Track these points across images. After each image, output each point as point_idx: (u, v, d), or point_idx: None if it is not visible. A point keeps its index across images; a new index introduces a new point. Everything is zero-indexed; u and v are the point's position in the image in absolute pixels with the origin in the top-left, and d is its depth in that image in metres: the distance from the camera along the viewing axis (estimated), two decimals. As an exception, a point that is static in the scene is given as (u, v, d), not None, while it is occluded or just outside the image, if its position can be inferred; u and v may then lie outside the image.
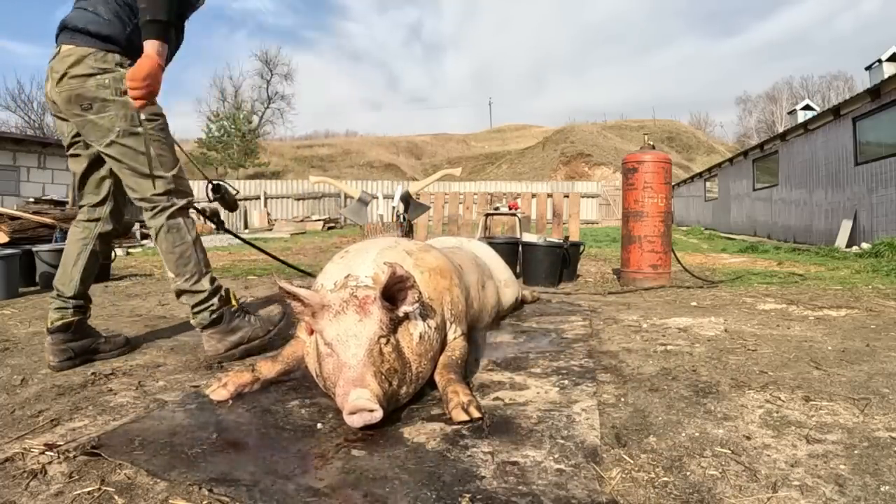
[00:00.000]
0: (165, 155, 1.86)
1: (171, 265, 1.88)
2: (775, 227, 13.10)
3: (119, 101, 1.76)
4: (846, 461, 1.08)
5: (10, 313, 2.82)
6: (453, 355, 1.52)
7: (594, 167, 31.84)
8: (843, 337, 2.21)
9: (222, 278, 4.45)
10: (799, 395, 1.49)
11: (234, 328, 1.90)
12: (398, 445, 1.15)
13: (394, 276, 1.26)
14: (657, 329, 2.40)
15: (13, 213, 4.47)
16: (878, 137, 9.10)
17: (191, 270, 1.87)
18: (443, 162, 37.63)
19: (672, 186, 4.62)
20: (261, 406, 1.40)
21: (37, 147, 14.38)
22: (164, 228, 1.87)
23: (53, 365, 1.79)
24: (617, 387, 1.57)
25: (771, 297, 3.42)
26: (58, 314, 1.85)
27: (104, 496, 0.96)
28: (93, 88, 1.74)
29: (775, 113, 46.28)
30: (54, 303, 1.88)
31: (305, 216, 18.06)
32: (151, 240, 1.95)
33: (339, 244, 8.36)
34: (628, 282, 4.18)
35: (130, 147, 1.80)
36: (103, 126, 1.77)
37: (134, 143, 1.80)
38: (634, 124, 42.32)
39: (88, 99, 1.75)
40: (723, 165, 17.97)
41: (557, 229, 5.76)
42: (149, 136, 1.81)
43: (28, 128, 26.58)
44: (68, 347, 1.83)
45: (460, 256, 2.07)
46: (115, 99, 1.76)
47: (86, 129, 1.80)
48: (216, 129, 28.32)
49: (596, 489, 0.97)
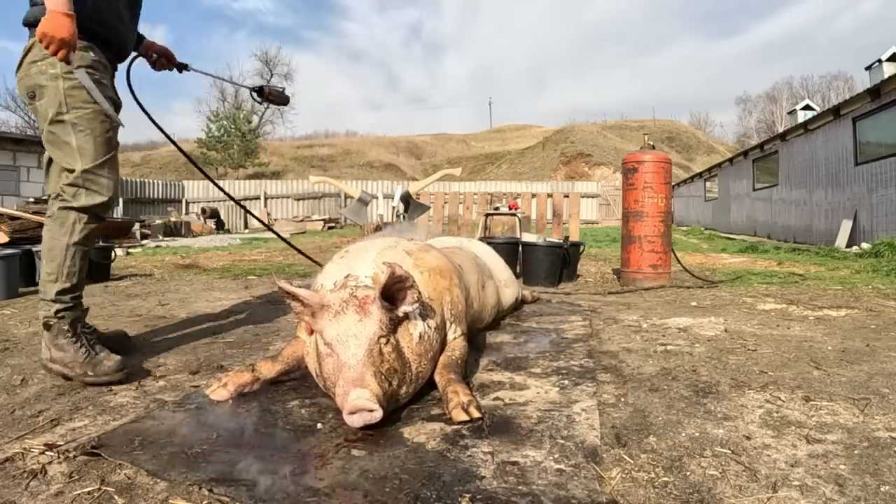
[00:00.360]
0: (87, 148, 1.76)
1: (43, 252, 1.80)
2: (775, 227, 13.10)
3: (51, 85, 1.72)
4: (846, 461, 1.08)
5: (10, 313, 2.82)
6: (453, 355, 1.52)
7: (594, 167, 31.85)
8: (843, 337, 2.21)
9: (222, 278, 4.45)
10: (799, 395, 1.49)
11: (58, 346, 1.72)
12: (398, 445, 1.15)
13: (393, 276, 1.26)
14: (657, 329, 2.40)
15: (13, 213, 4.47)
16: (878, 137, 9.10)
17: (52, 268, 1.77)
18: (443, 162, 37.63)
19: (672, 186, 4.62)
20: (261, 406, 1.40)
21: (37, 147, 14.36)
22: (52, 217, 1.78)
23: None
24: (617, 387, 1.57)
25: (771, 297, 3.42)
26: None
27: (104, 496, 0.96)
28: (35, 76, 1.73)
29: (775, 113, 46.30)
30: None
31: (305, 216, 18.05)
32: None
33: (339, 244, 8.36)
34: (628, 282, 4.18)
35: (56, 134, 1.75)
36: (42, 113, 1.75)
37: (60, 130, 1.75)
38: (634, 124, 42.32)
39: (31, 87, 1.74)
40: (723, 165, 17.97)
41: (557, 229, 5.76)
42: (73, 125, 1.74)
43: (28, 128, 26.61)
44: None
45: (460, 256, 2.07)
46: (48, 84, 1.73)
47: (36, 116, 1.80)
48: (216, 129, 28.32)
49: (596, 489, 0.97)
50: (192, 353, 1.97)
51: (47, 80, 1.72)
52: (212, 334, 2.29)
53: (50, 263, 1.76)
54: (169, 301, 3.23)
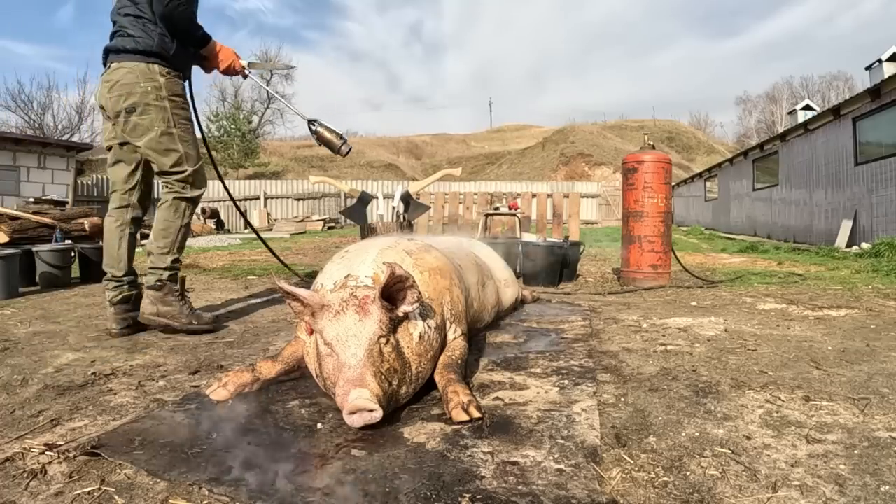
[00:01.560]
0: (191, 154, 2.29)
1: (155, 231, 2.30)
2: (775, 227, 13.10)
3: (158, 105, 2.19)
4: (846, 461, 1.08)
5: (10, 313, 2.82)
6: (453, 355, 1.52)
7: (594, 167, 31.84)
8: (843, 337, 2.21)
9: (222, 278, 4.45)
10: (799, 395, 1.49)
11: (166, 302, 2.25)
12: (398, 445, 1.15)
13: (393, 275, 1.26)
14: (657, 329, 2.40)
15: (13, 213, 4.46)
16: (878, 137, 9.10)
17: (165, 244, 2.27)
18: (443, 162, 37.61)
19: (672, 186, 4.62)
20: (261, 406, 1.40)
21: (37, 147, 14.38)
22: (167, 204, 2.28)
23: (115, 332, 2.23)
24: (617, 387, 1.57)
25: (771, 297, 3.42)
26: (115, 291, 2.27)
27: (104, 496, 0.96)
28: (139, 95, 2.16)
29: (775, 113, 46.27)
30: (109, 284, 2.28)
31: (305, 216, 18.05)
32: None
33: (339, 244, 8.35)
34: (628, 282, 4.18)
35: (164, 144, 2.22)
36: (143, 125, 2.19)
37: (168, 141, 2.23)
38: (634, 124, 42.29)
39: (134, 104, 2.17)
40: (723, 165, 17.97)
41: (557, 229, 5.76)
42: (180, 137, 2.25)
43: (28, 128, 26.51)
44: (128, 317, 2.25)
45: (460, 256, 2.07)
46: (154, 104, 2.18)
47: (128, 128, 2.20)
48: (216, 129, 28.27)
49: (596, 489, 0.97)
50: (192, 353, 1.97)
51: (154, 101, 2.18)
52: (212, 334, 2.29)
53: (164, 240, 2.28)
54: (169, 301, 3.22)
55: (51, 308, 3.00)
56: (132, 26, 2.17)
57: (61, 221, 4.61)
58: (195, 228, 14.14)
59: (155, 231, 2.29)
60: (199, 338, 2.22)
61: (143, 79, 2.15)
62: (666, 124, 43.74)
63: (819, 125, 10.96)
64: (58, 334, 2.30)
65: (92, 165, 21.72)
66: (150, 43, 2.16)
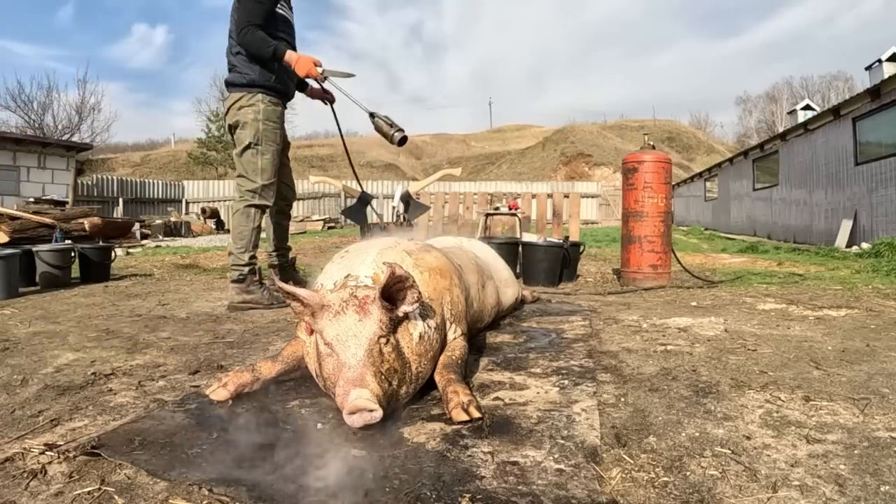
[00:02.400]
0: (267, 169, 2.93)
1: (232, 236, 2.95)
2: (775, 227, 13.10)
3: (251, 123, 2.86)
4: (846, 461, 1.08)
5: (10, 313, 2.82)
6: (453, 355, 1.52)
7: (594, 167, 31.85)
8: (843, 337, 2.21)
9: (222, 278, 4.45)
10: (799, 395, 1.49)
11: (249, 290, 2.86)
12: (398, 445, 1.15)
13: (393, 275, 1.26)
14: (657, 329, 2.40)
15: (13, 213, 4.47)
16: (878, 137, 9.10)
17: (242, 244, 2.89)
18: (443, 162, 37.60)
19: (672, 186, 4.62)
20: (261, 406, 1.40)
21: (37, 147, 14.38)
22: (240, 212, 2.91)
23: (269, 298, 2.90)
24: (617, 387, 1.56)
25: (771, 297, 3.42)
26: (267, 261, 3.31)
27: (104, 496, 0.96)
28: (242, 114, 2.87)
29: (775, 113, 46.27)
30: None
31: (305, 216, 18.04)
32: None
33: (339, 244, 8.35)
34: (628, 282, 4.18)
35: (249, 157, 2.89)
36: (241, 139, 2.89)
37: (251, 154, 2.89)
38: (634, 124, 42.29)
39: (238, 121, 2.89)
40: (723, 165, 17.97)
41: (557, 229, 5.77)
42: (260, 152, 2.89)
43: (28, 128, 26.50)
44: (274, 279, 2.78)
45: (460, 256, 2.07)
46: (250, 121, 2.86)
47: (236, 141, 2.95)
48: (216, 128, 28.24)
49: (596, 489, 0.97)
50: (192, 353, 1.97)
51: (251, 120, 2.86)
52: (212, 334, 2.29)
53: (241, 241, 2.89)
54: (169, 301, 3.23)
55: (51, 308, 3.00)
56: (240, 64, 2.87)
57: (61, 221, 4.62)
58: (195, 228, 14.17)
59: (232, 236, 2.94)
60: (199, 338, 2.22)
61: (246, 104, 2.85)
62: (666, 124, 43.74)
63: (819, 125, 10.97)
64: (58, 334, 2.30)
65: (92, 165, 21.72)
66: (253, 77, 2.86)
